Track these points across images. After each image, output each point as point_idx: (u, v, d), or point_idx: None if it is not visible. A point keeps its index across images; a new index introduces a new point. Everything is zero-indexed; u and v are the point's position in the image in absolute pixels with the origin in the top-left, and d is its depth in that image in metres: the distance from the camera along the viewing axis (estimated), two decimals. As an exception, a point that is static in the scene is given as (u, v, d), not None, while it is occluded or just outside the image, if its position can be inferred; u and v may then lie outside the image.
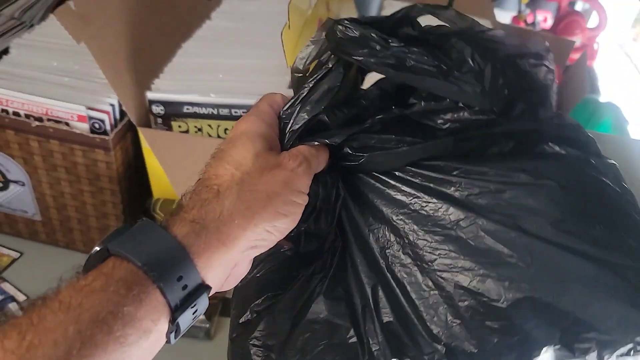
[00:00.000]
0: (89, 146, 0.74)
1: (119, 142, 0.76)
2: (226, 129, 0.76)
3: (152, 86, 0.77)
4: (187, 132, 0.77)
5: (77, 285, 0.32)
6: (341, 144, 0.43)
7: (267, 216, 0.37)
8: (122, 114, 0.76)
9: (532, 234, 0.39)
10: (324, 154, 0.42)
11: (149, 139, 0.75)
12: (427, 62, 0.41)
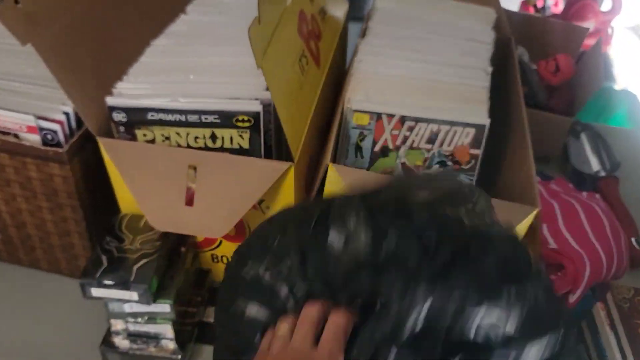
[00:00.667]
0: (42, 159, 0.66)
1: (77, 154, 0.68)
2: (196, 137, 0.68)
3: (113, 91, 0.69)
4: (153, 141, 0.69)
5: None
6: None
7: None
8: (80, 123, 0.68)
9: None
10: None
11: (110, 150, 0.67)
12: None
